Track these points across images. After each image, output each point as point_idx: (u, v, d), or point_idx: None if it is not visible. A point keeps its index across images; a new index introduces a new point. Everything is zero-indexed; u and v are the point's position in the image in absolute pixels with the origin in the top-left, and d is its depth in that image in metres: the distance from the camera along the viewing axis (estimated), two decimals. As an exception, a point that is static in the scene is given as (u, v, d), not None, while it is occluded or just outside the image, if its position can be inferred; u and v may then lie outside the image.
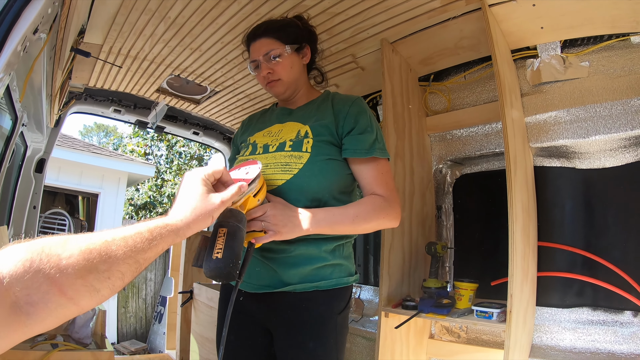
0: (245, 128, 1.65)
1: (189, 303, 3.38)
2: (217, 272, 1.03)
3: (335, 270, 1.40)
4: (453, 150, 2.60)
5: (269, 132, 1.50)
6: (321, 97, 1.58)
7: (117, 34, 2.43)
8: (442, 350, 2.41)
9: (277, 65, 1.47)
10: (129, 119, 3.63)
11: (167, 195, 9.88)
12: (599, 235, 2.13)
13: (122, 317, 6.98)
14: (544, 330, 2.15)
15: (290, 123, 1.49)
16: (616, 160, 2.11)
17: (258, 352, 1.44)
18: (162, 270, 7.30)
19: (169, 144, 10.51)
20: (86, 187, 6.74)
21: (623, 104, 1.99)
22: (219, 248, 1.04)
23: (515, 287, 1.69)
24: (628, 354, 1.93)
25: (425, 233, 2.49)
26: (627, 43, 2.06)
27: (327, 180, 1.36)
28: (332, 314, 1.39)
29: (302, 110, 1.54)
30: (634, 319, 1.97)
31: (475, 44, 2.26)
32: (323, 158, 1.37)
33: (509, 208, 1.72)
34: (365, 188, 1.42)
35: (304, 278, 1.35)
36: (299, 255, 1.34)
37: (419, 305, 1.97)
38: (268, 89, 1.54)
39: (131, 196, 10.12)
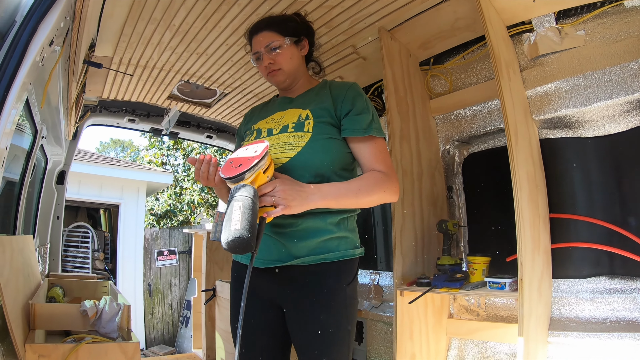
0: (248, 119, 1.73)
1: (213, 301, 3.46)
2: (236, 243, 1.10)
3: (342, 242, 1.47)
4: (458, 130, 2.62)
5: (271, 119, 1.58)
6: (319, 85, 1.66)
7: (126, 45, 2.52)
8: (461, 329, 2.44)
9: (278, 56, 1.55)
10: (144, 127, 3.74)
11: (187, 203, 10.00)
12: (612, 203, 2.13)
13: (149, 323, 7.11)
14: (562, 302, 2.14)
15: (291, 110, 1.57)
16: (621, 125, 2.10)
17: (271, 329, 1.50)
18: (186, 276, 7.41)
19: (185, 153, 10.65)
20: (107, 199, 6.89)
21: (621, 68, 1.99)
22: (236, 220, 1.12)
23: (526, 255, 1.72)
24: None
25: (437, 213, 2.52)
26: (620, 8, 2.05)
27: (329, 157, 1.44)
28: (341, 285, 1.45)
29: (302, 97, 1.62)
30: None
31: (470, 23, 2.29)
32: (324, 137, 1.46)
33: (512, 178, 1.75)
34: (365, 165, 1.49)
35: (311, 250, 1.42)
36: (306, 228, 1.41)
37: (433, 281, 2.01)
38: (269, 79, 1.62)
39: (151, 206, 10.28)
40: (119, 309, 2.06)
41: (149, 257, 7.25)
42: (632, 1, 2.02)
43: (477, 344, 2.41)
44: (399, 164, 2.24)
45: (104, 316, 2.01)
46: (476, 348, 2.41)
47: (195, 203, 9.89)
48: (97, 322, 1.99)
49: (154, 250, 7.31)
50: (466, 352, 2.45)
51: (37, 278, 2.52)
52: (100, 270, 6.47)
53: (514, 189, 1.74)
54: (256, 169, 1.21)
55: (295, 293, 1.44)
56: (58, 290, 2.59)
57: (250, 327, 1.49)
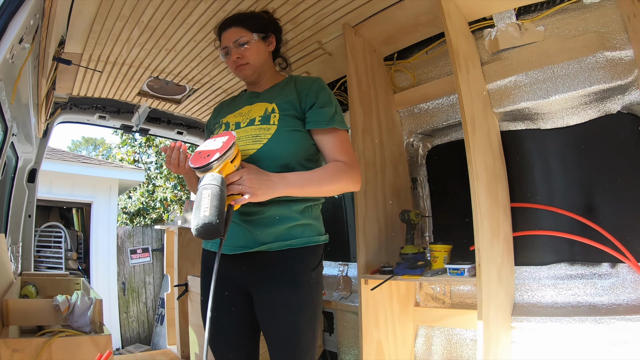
0: (217, 113, 1.77)
1: (185, 296, 3.47)
2: (206, 228, 1.16)
3: (306, 229, 1.53)
4: (422, 123, 2.69)
5: (239, 113, 1.63)
6: (284, 80, 1.71)
7: (95, 42, 2.52)
8: (428, 317, 2.51)
9: (246, 51, 1.61)
10: (114, 124, 3.71)
11: (160, 200, 9.88)
12: (571, 191, 2.21)
13: (124, 322, 7.03)
14: (525, 288, 2.23)
15: (258, 104, 1.62)
16: (579, 117, 2.18)
17: (240, 314, 1.55)
18: (160, 274, 7.34)
19: (158, 150, 10.54)
20: (79, 198, 6.77)
21: (579, 62, 2.06)
22: (205, 207, 1.17)
23: (483, 242, 1.78)
24: (609, 305, 2.00)
25: (401, 204, 2.58)
26: (579, 4, 2.12)
27: (294, 148, 1.51)
28: (306, 271, 1.52)
29: (268, 92, 1.67)
30: (612, 270, 2.04)
31: (433, 19, 2.33)
32: (289, 129, 1.52)
33: (469, 169, 1.81)
34: (328, 156, 1.55)
35: (277, 237, 1.48)
36: (272, 215, 1.47)
37: (395, 269, 2.06)
38: (237, 73, 1.67)
39: (124, 205, 10.14)
40: (90, 303, 2.07)
41: (123, 255, 7.16)
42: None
43: (444, 330, 2.48)
44: (361, 156, 2.28)
45: (76, 310, 2.02)
46: (443, 335, 2.49)
47: (168, 200, 9.78)
48: (70, 316, 2.00)
49: (127, 248, 7.22)
50: (433, 339, 2.52)
51: (10, 276, 2.50)
52: (74, 270, 6.36)
53: (470, 179, 1.80)
54: (224, 158, 1.25)
55: (262, 278, 1.49)
56: (31, 288, 2.57)
57: (219, 313, 1.52)
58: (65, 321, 1.99)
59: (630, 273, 2.00)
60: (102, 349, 1.85)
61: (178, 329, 3.98)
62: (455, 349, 2.44)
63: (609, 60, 2.01)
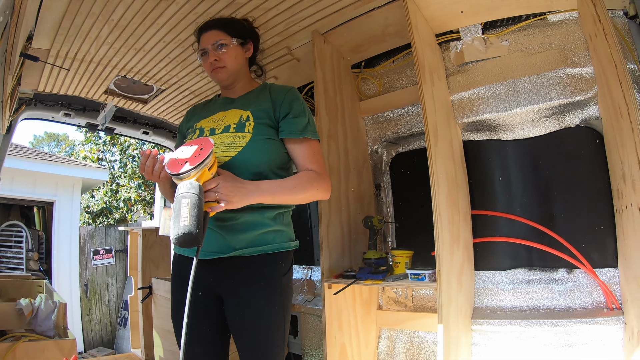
0: (190, 117, 1.78)
1: (149, 299, 3.42)
2: (185, 238, 1.17)
3: (278, 235, 1.57)
4: (386, 131, 2.74)
5: (213, 119, 1.64)
6: (259, 88, 1.74)
7: (63, 38, 2.47)
8: (390, 320, 2.55)
9: (224, 55, 1.64)
10: (79, 122, 3.62)
11: (123, 200, 9.70)
12: (530, 200, 2.29)
13: (86, 325, 6.87)
14: (484, 293, 2.30)
15: (232, 110, 1.64)
16: (539, 129, 2.27)
17: (211, 319, 1.56)
18: (123, 275, 7.21)
19: (122, 148, 10.35)
20: (41, 196, 6.59)
21: (541, 77, 2.15)
22: (184, 216, 1.17)
23: (443, 248, 1.83)
24: (565, 309, 2.09)
25: (364, 209, 2.63)
26: (544, 22, 2.23)
27: (267, 156, 1.54)
28: (277, 276, 1.55)
29: (243, 99, 1.69)
30: (569, 276, 2.13)
31: (400, 30, 2.39)
32: (263, 137, 1.55)
33: (431, 176, 1.85)
34: (300, 164, 1.60)
35: (250, 243, 1.51)
36: (245, 222, 1.50)
37: (358, 274, 2.10)
38: (213, 75, 1.69)
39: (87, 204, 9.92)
40: (54, 307, 2.04)
41: (85, 256, 7.01)
42: (554, 16, 2.19)
43: (406, 333, 2.53)
44: (326, 161, 2.30)
45: (40, 314, 1.99)
46: (405, 337, 2.53)
47: (131, 200, 9.62)
48: (34, 320, 1.97)
49: (89, 249, 7.08)
50: (396, 341, 2.56)
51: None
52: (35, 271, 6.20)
53: (432, 187, 1.84)
54: (202, 166, 1.26)
55: (235, 282, 1.51)
56: (-8, 290, 2.51)
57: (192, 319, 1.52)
58: (28, 325, 1.96)
59: (585, 278, 2.09)
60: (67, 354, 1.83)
61: (142, 332, 3.92)
62: (417, 351, 2.49)
63: (570, 77, 2.11)
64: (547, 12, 2.22)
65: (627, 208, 1.80)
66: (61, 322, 2.05)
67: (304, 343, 3.06)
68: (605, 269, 2.06)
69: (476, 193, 2.37)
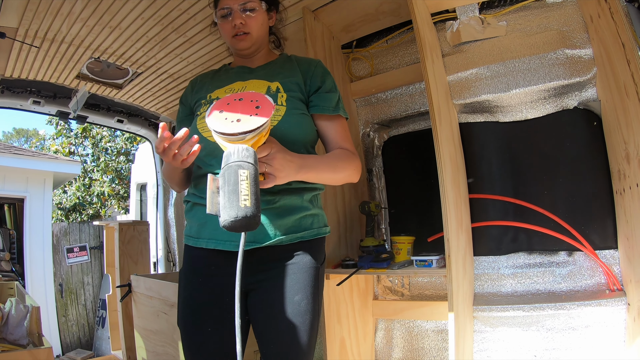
0: (197, 87, 1.56)
1: (129, 297, 3.27)
2: (246, 222, 0.94)
3: (315, 220, 1.43)
4: (379, 113, 2.67)
5: (231, 89, 1.46)
6: (281, 58, 1.59)
7: (33, 15, 2.30)
8: (387, 310, 2.49)
9: (250, 19, 1.45)
10: (49, 110, 3.46)
11: (97, 195, 9.45)
12: (528, 183, 2.25)
13: (63, 326, 6.66)
14: (485, 278, 2.27)
15: (253, 81, 1.47)
16: (537, 111, 2.24)
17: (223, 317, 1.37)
18: (99, 273, 7.00)
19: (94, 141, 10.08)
20: (10, 192, 6.31)
21: (540, 58, 2.12)
22: (245, 194, 0.95)
23: (452, 233, 1.77)
24: (567, 291, 2.09)
25: (358, 195, 2.56)
26: (542, 3, 2.19)
27: (303, 133, 1.40)
28: (315, 265, 1.38)
29: (264, 69, 1.53)
30: (569, 259, 2.12)
31: (395, 8, 2.32)
32: (298, 112, 1.40)
33: (437, 159, 1.79)
34: (332, 142, 1.46)
35: (289, 229, 1.35)
36: (283, 205, 1.34)
37: (359, 263, 2.02)
38: (234, 42, 1.49)
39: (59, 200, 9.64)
40: (26, 312, 1.88)
41: (59, 254, 6.77)
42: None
43: (404, 323, 2.49)
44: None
45: (11, 321, 1.82)
46: (403, 327, 2.49)
47: (105, 195, 9.39)
48: (4, 328, 1.80)
49: (63, 247, 6.84)
50: (393, 331, 2.52)
51: None
52: (7, 272, 5.95)
53: (439, 169, 1.78)
54: (262, 129, 1.04)
55: (270, 275, 1.35)
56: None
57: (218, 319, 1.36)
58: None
59: (587, 260, 2.09)
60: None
61: (122, 333, 3.76)
62: (416, 340, 2.45)
63: (569, 58, 2.08)
64: (545, -7, 2.20)
65: (631, 188, 1.79)
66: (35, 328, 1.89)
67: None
68: (605, 250, 2.06)
69: (473, 176, 2.31)
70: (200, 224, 1.37)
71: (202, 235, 1.37)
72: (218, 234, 1.32)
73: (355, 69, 2.76)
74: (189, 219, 1.43)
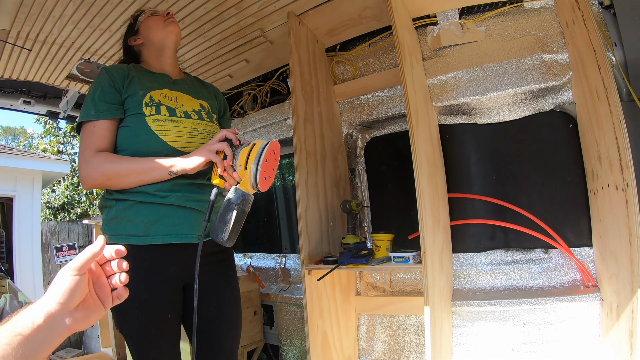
0: (130, 76, 1.52)
1: (119, 294, 3.31)
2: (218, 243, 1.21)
3: None
4: (361, 114, 2.73)
5: (165, 95, 1.53)
6: (191, 77, 1.75)
7: (25, 17, 2.33)
8: (369, 305, 2.55)
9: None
10: (40, 110, 3.49)
11: (85, 194, 9.38)
12: (506, 182, 2.33)
13: (52, 325, 6.63)
14: (463, 275, 2.34)
15: (181, 94, 1.58)
16: (515, 113, 2.31)
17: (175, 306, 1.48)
18: (87, 272, 6.96)
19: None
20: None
21: (517, 62, 2.19)
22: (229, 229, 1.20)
23: (427, 230, 1.82)
24: (543, 287, 2.16)
25: (340, 194, 2.61)
26: (520, 9, 2.26)
27: None
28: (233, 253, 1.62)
29: (183, 83, 1.65)
30: (545, 256, 2.20)
31: (378, 13, 2.37)
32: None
33: (413, 159, 1.83)
34: None
35: None
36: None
37: (339, 259, 2.07)
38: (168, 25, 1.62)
39: (47, 199, 9.56)
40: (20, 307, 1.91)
41: (48, 253, 6.73)
42: (531, 3, 2.23)
43: (386, 318, 2.54)
44: (303, 145, 2.27)
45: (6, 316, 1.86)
46: (385, 322, 2.55)
47: (94, 194, 9.31)
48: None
49: (52, 246, 6.79)
50: (375, 326, 2.57)
51: None
52: (-3, 272, 5.93)
53: (415, 169, 1.83)
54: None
55: (210, 266, 1.52)
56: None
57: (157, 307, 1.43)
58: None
59: (562, 257, 2.16)
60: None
61: (112, 330, 3.79)
62: (397, 335, 2.51)
63: (545, 62, 2.15)
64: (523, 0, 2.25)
65: (603, 188, 1.85)
66: None
67: (280, 333, 3.02)
68: (580, 248, 2.13)
69: (452, 176, 2.39)
70: (150, 222, 1.41)
71: (152, 232, 1.41)
72: (178, 229, 1.43)
73: (338, 71, 2.82)
74: (128, 217, 1.42)
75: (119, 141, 1.44)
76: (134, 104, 1.46)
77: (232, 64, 2.94)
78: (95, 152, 1.39)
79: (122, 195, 1.42)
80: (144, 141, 1.42)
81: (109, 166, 1.37)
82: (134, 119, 1.44)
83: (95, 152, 1.39)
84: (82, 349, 6.63)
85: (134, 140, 1.42)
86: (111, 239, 1.39)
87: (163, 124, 1.45)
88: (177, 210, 1.42)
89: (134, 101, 1.47)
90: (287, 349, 2.98)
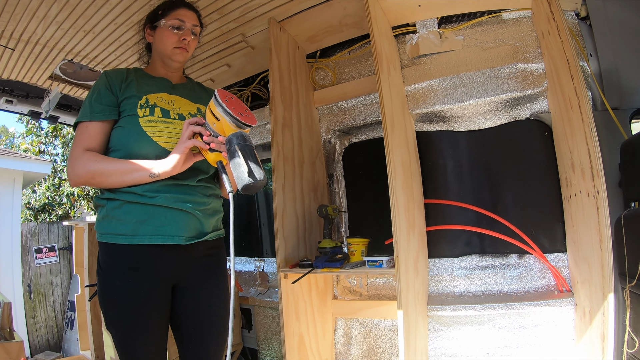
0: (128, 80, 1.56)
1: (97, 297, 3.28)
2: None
3: (221, 220, 1.66)
4: (340, 120, 2.75)
5: (161, 99, 1.56)
6: (192, 82, 1.75)
7: (9, 16, 2.33)
8: (346, 309, 2.57)
9: (192, 42, 1.63)
10: (22, 109, 3.47)
11: (67, 195, 9.21)
12: (481, 189, 2.37)
13: (32, 328, 6.51)
14: (439, 279, 2.37)
15: (178, 98, 1.61)
16: (491, 121, 2.36)
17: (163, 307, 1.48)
18: (67, 274, 6.84)
19: (65, 141, 9.86)
20: (-21, 191, 6.21)
21: (494, 72, 2.24)
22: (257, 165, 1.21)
23: (401, 235, 1.85)
24: (517, 292, 2.20)
25: (318, 199, 2.63)
26: (498, 19, 2.31)
27: None
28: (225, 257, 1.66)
29: (183, 88, 1.66)
30: (520, 261, 2.24)
31: (358, 21, 2.41)
32: None
33: (387, 165, 1.85)
34: None
35: (214, 227, 1.59)
36: (212, 207, 1.57)
37: (314, 263, 2.08)
38: (174, 52, 1.59)
39: (28, 200, 9.41)
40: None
41: (27, 255, 6.63)
42: (509, 14, 2.28)
43: (362, 322, 2.57)
44: (280, 150, 2.28)
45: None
46: (361, 326, 2.57)
47: (75, 195, 9.14)
48: (-24, 324, 1.82)
49: (32, 247, 6.70)
50: (352, 330, 2.59)
51: None
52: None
53: (389, 175, 1.85)
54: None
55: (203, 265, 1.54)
56: None
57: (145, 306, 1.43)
58: (-28, 329, 1.82)
59: (536, 263, 2.21)
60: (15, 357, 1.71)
61: (91, 333, 3.75)
62: (374, 339, 2.53)
63: (522, 72, 2.20)
64: (501, 10, 2.31)
65: (576, 195, 1.89)
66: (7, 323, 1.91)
67: (259, 336, 3.03)
68: (554, 254, 2.18)
69: (428, 182, 2.43)
70: (139, 222, 1.42)
71: (140, 232, 1.42)
72: (165, 230, 1.43)
73: (318, 77, 2.85)
74: (118, 216, 1.44)
75: (113, 141, 1.48)
76: (130, 105, 1.50)
77: (214, 68, 2.96)
78: (84, 150, 1.43)
79: (113, 194, 1.45)
80: (135, 141, 1.44)
81: (94, 165, 1.41)
82: (128, 120, 1.48)
83: (83, 150, 1.43)
84: (61, 352, 6.56)
85: (127, 140, 1.45)
86: (101, 238, 1.45)
87: (155, 125, 1.47)
88: (165, 211, 1.43)
89: (130, 103, 1.51)
90: (266, 352, 2.98)
